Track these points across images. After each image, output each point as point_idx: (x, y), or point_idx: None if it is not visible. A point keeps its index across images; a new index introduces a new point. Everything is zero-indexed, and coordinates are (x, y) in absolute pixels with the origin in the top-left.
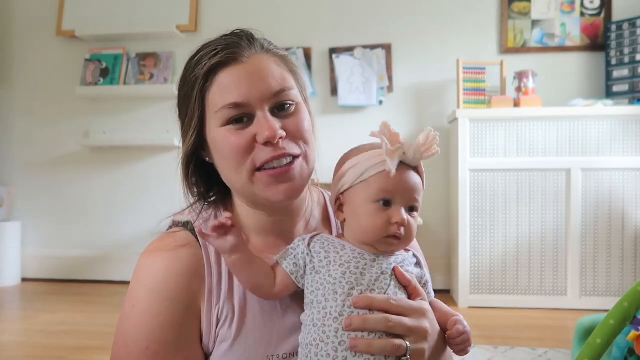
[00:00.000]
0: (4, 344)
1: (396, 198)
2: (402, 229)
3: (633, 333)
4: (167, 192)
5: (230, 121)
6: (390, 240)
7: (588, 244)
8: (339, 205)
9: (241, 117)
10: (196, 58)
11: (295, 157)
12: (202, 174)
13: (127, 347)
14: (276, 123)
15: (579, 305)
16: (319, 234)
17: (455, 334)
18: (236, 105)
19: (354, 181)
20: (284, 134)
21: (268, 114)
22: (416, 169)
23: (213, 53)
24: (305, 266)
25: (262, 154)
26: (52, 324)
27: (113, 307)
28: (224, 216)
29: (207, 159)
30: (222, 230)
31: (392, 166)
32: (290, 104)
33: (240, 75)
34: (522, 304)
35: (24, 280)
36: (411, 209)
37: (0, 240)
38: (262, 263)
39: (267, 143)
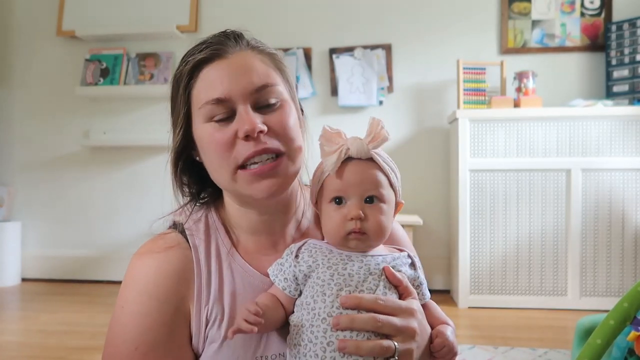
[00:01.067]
0: (3, 344)
1: (348, 194)
2: (360, 223)
3: (633, 333)
4: (167, 193)
5: (213, 117)
6: (355, 236)
7: (588, 244)
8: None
9: (224, 112)
10: (184, 57)
11: (278, 154)
12: (193, 174)
13: (117, 348)
14: (257, 118)
15: (578, 306)
16: (307, 241)
17: (438, 347)
18: (218, 101)
19: (316, 189)
20: (264, 128)
21: (249, 109)
22: (372, 160)
23: (198, 50)
24: (295, 279)
25: (244, 150)
26: (51, 324)
27: (113, 307)
28: (251, 315)
29: (197, 158)
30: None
31: (329, 167)
32: (273, 101)
33: (223, 71)
34: (522, 304)
35: (23, 280)
36: (371, 200)
37: (0, 241)
38: (272, 310)
39: (247, 137)
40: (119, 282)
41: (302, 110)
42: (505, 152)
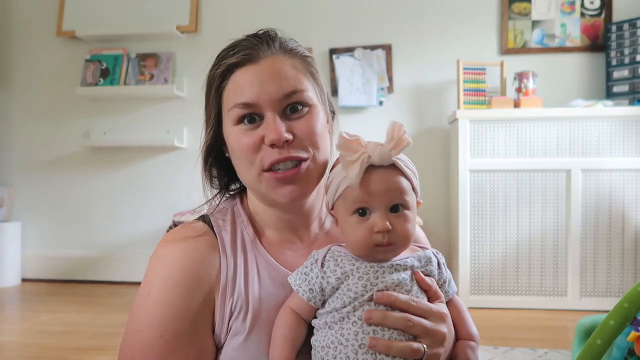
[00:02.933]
0: (4, 344)
1: (373, 204)
2: (387, 235)
3: (633, 334)
4: (167, 193)
5: (241, 121)
6: (382, 248)
7: (588, 245)
8: (336, 220)
9: (252, 117)
10: (217, 58)
11: (301, 160)
12: (223, 167)
13: (140, 334)
14: (282, 126)
15: (579, 306)
16: (330, 248)
17: None
18: (246, 105)
19: (334, 197)
20: (289, 137)
21: (276, 117)
22: (394, 166)
23: (231, 53)
24: (322, 290)
25: (269, 156)
26: (52, 325)
27: (113, 308)
28: None
29: (227, 154)
30: None
31: (353, 179)
32: (301, 107)
33: (253, 76)
34: (522, 305)
35: (24, 280)
36: (396, 209)
37: (1, 241)
38: (295, 338)
39: (273, 145)
40: (119, 283)
41: (333, 112)
42: (505, 153)
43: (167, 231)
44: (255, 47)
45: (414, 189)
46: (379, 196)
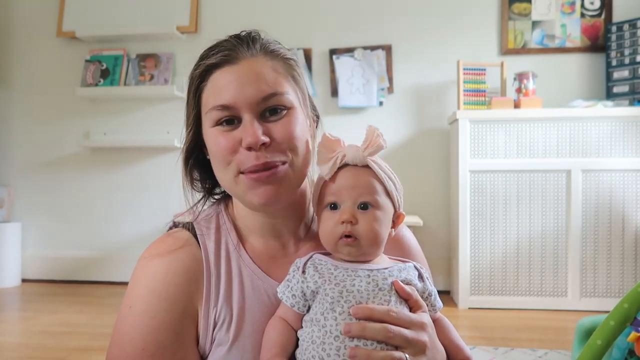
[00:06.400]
0: (4, 344)
1: (342, 199)
2: (350, 226)
3: (633, 334)
4: (167, 193)
5: (220, 122)
6: (346, 241)
7: (588, 245)
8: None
9: (230, 119)
10: (198, 58)
11: (277, 165)
12: (206, 170)
13: (123, 347)
14: (259, 129)
15: (579, 307)
16: (312, 256)
17: None
18: (223, 108)
19: (316, 198)
20: (267, 140)
21: (254, 119)
22: (368, 167)
23: (211, 54)
24: (303, 294)
25: (246, 160)
26: (52, 325)
27: (113, 308)
28: None
29: (208, 156)
30: None
31: (325, 172)
32: (280, 109)
33: (232, 77)
34: (522, 305)
35: (24, 281)
36: (365, 207)
37: (0, 241)
38: (284, 342)
39: (249, 148)
40: (119, 283)
41: (317, 117)
42: (505, 153)
43: (168, 231)
44: (234, 48)
45: (388, 193)
46: (346, 190)
